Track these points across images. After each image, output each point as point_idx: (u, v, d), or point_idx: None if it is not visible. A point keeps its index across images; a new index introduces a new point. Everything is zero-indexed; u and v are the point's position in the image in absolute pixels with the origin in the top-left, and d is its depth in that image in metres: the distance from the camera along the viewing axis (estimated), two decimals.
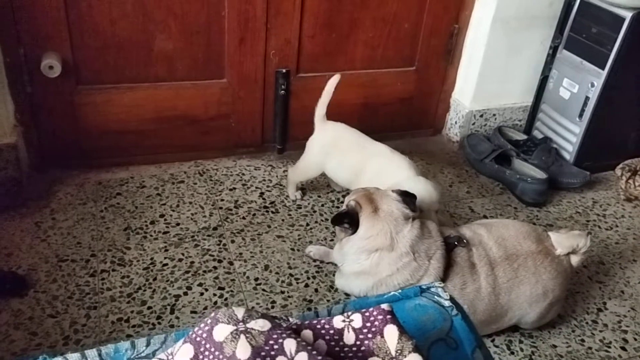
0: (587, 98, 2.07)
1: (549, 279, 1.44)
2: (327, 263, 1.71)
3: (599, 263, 1.83)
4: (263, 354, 0.63)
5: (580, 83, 2.08)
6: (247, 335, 0.64)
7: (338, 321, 0.70)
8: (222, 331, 0.65)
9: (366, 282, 1.42)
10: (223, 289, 1.60)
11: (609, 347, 1.55)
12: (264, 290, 1.61)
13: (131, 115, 1.96)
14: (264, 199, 1.96)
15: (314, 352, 0.64)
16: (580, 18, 2.07)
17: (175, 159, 2.08)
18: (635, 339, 1.58)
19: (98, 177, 1.96)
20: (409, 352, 0.66)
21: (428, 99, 2.32)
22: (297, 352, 0.64)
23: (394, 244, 1.37)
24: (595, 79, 2.03)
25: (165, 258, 1.67)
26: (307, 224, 1.86)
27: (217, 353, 0.64)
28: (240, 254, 1.72)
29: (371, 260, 1.39)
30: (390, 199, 1.41)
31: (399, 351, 0.66)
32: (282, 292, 1.61)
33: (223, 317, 0.66)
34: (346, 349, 0.68)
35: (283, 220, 1.87)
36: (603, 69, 1.99)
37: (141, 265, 1.64)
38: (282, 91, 2.05)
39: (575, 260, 1.49)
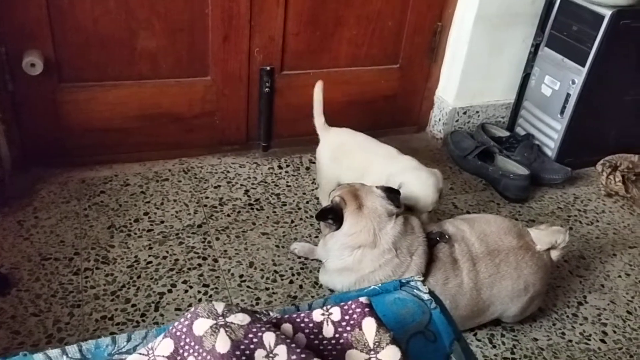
0: (568, 95, 2.09)
1: (530, 274, 1.46)
2: (312, 260, 1.72)
3: (579, 257, 1.86)
4: (242, 347, 0.64)
5: (562, 80, 2.11)
6: (227, 329, 0.65)
7: (317, 315, 0.71)
8: (201, 325, 0.66)
9: (349, 278, 1.43)
10: (208, 286, 1.60)
11: (589, 340, 1.58)
12: (248, 287, 1.61)
13: (115, 113, 1.96)
14: (248, 196, 1.96)
15: (293, 345, 0.64)
16: (561, 16, 2.10)
17: (160, 156, 2.08)
18: (615, 332, 1.61)
19: (81, 175, 1.95)
20: (387, 344, 0.67)
21: (412, 96, 2.34)
22: (276, 345, 0.64)
23: (377, 241, 1.38)
24: (576, 76, 2.05)
25: (149, 256, 1.67)
26: (292, 221, 1.87)
27: (197, 347, 0.65)
28: (225, 251, 1.72)
29: (354, 257, 1.40)
30: (374, 195, 1.42)
31: (376, 343, 0.67)
32: (267, 289, 1.61)
33: (203, 311, 0.67)
34: (325, 341, 0.69)
35: (268, 217, 1.87)
36: (584, 66, 2.02)
37: (125, 263, 1.63)
38: (267, 89, 2.06)
39: (555, 255, 1.51)
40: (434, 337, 0.79)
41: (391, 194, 1.44)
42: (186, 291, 1.57)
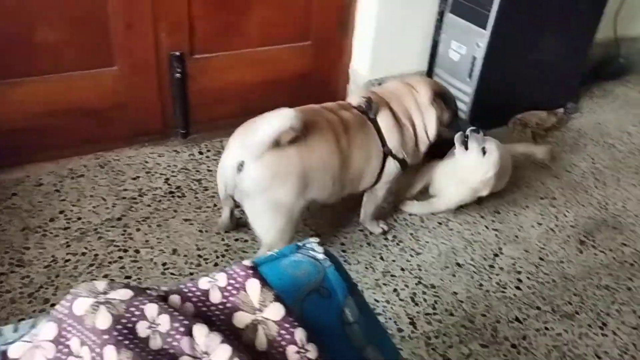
0: (474, 58, 2.17)
1: None
2: (235, 240, 1.73)
3: (494, 212, 1.94)
4: (124, 321, 0.64)
5: (467, 44, 2.18)
6: (108, 305, 0.65)
7: (204, 282, 0.71)
8: (82, 305, 0.65)
9: None
10: (130, 277, 1.58)
11: (505, 288, 1.66)
12: (172, 274, 1.60)
13: (19, 112, 1.88)
14: (169, 184, 1.94)
15: (176, 314, 0.65)
16: None
17: (74, 153, 2.02)
18: (529, 278, 1.70)
19: None
20: (271, 302, 0.69)
21: (327, 71, 2.36)
22: (158, 315, 0.65)
23: None
24: (479, 39, 2.13)
25: (67, 254, 1.63)
26: (215, 205, 1.86)
27: (79, 327, 0.65)
28: (147, 241, 1.70)
29: None
30: None
31: (261, 302, 0.69)
32: (191, 274, 1.61)
33: (83, 291, 0.67)
34: (213, 307, 0.70)
35: (190, 203, 1.86)
36: (485, 29, 2.09)
37: (42, 264, 1.59)
38: (178, 74, 2.02)
39: None
40: (329, 293, 0.82)
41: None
42: None
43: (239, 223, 1.75)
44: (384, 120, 1.60)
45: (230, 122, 2.28)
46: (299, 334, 0.67)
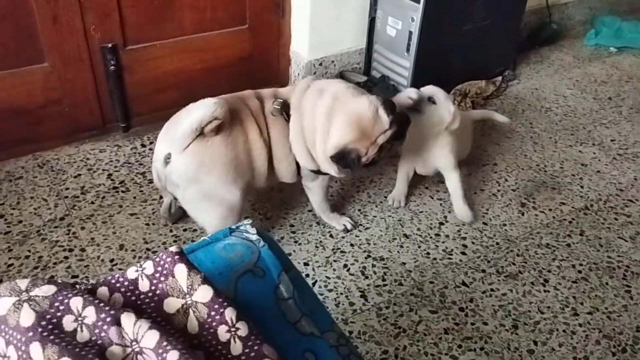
0: (410, 33, 2.19)
1: None
2: (184, 231, 1.72)
3: (438, 182, 1.98)
4: (48, 317, 0.64)
5: (403, 19, 2.21)
6: (31, 302, 0.64)
7: (131, 272, 0.71)
8: (4, 305, 0.64)
9: None
10: (77, 276, 1.55)
11: (451, 255, 1.71)
12: (120, 269, 1.58)
13: None
14: (112, 180, 1.90)
15: (101, 305, 0.65)
16: None
17: (10, 155, 1.96)
18: (473, 243, 1.76)
19: None
20: (199, 285, 0.69)
21: (268, 55, 2.35)
22: (84, 307, 0.65)
23: None
24: (414, 13, 2.15)
25: (10, 258, 1.59)
26: (161, 197, 1.84)
27: (3, 327, 0.64)
28: (93, 238, 1.67)
29: None
30: None
31: (189, 286, 0.69)
32: None
33: (5, 291, 0.66)
34: (142, 296, 0.70)
35: (135, 197, 1.84)
36: (419, 2, 2.12)
37: None
38: (112, 67, 1.98)
39: None
40: (263, 272, 0.83)
41: None
42: None
43: (185, 213, 1.74)
44: (291, 128, 1.52)
45: (172, 112, 2.24)
46: (229, 313, 0.68)
